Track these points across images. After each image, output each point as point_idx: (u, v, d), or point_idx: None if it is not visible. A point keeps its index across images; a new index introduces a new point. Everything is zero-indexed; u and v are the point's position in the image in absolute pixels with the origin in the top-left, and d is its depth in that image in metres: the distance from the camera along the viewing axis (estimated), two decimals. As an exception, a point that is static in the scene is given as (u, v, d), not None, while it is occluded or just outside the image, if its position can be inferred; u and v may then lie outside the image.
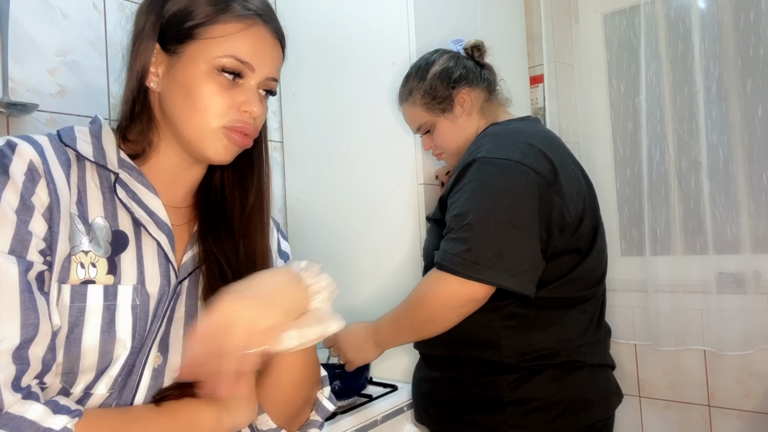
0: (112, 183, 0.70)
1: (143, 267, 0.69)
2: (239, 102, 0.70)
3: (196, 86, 0.69)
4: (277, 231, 0.89)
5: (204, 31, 0.69)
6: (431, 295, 1.07)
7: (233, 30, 0.69)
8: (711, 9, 1.63)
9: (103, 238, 0.67)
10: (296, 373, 0.75)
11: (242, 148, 0.74)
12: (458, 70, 1.22)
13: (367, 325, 1.22)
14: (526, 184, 1.05)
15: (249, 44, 0.70)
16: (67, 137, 0.69)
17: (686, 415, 1.71)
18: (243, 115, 0.71)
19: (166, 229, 0.72)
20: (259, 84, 0.72)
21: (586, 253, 1.13)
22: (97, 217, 0.68)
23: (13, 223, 0.59)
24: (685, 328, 1.67)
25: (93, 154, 0.69)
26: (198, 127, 0.70)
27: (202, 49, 0.69)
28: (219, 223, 0.78)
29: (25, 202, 0.61)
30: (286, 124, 1.70)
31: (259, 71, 0.71)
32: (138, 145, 0.73)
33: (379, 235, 1.46)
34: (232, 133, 0.71)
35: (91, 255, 0.65)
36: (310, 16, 1.62)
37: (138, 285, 0.68)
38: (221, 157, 0.72)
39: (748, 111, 1.62)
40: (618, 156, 1.90)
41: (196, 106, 0.69)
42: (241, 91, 0.71)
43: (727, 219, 1.62)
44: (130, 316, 0.66)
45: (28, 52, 1.18)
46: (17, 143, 0.63)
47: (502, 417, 1.08)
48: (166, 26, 0.70)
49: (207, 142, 0.71)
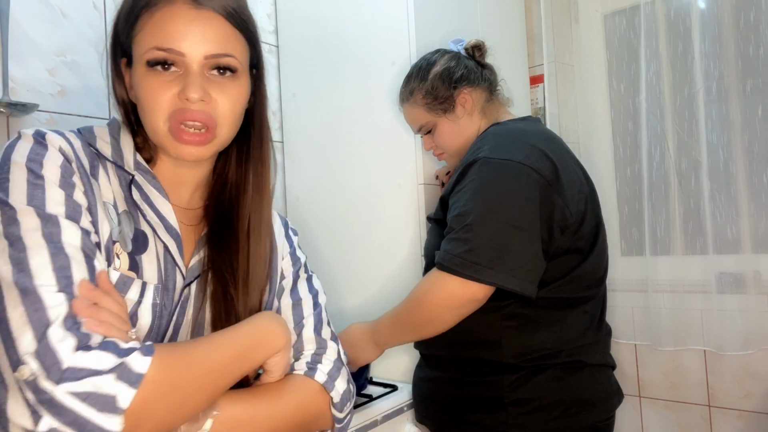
0: (128, 183, 0.71)
1: (161, 268, 0.70)
2: (178, 92, 0.66)
3: (140, 89, 0.67)
4: (287, 234, 0.88)
5: (135, 28, 0.67)
6: (431, 295, 1.07)
7: (148, 18, 0.66)
8: (711, 9, 1.63)
9: (128, 234, 0.68)
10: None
11: (208, 146, 0.69)
12: (459, 71, 1.22)
13: (367, 325, 1.22)
14: (528, 184, 1.05)
15: (167, 28, 0.65)
16: (88, 136, 0.70)
17: (686, 415, 1.71)
18: (183, 103, 0.66)
19: (174, 233, 0.72)
20: (200, 66, 0.66)
21: (587, 254, 1.13)
22: (123, 210, 0.69)
23: (63, 195, 0.61)
24: (685, 328, 1.67)
25: (111, 154, 0.70)
26: (153, 130, 0.68)
27: (136, 48, 0.67)
28: (227, 226, 0.77)
29: (67, 180, 0.62)
30: (286, 124, 1.70)
31: (193, 52, 0.65)
32: (146, 152, 0.74)
33: (379, 235, 1.46)
34: (179, 133, 0.66)
35: (117, 246, 0.66)
36: (310, 16, 1.62)
37: (159, 285, 0.69)
38: (189, 156, 0.68)
39: (748, 111, 1.62)
40: (618, 156, 1.90)
41: (146, 109, 0.67)
42: (180, 80, 0.66)
43: (727, 219, 1.62)
44: (150, 314, 0.67)
45: (28, 52, 1.18)
46: (46, 133, 0.64)
47: (503, 417, 1.08)
48: (119, 36, 0.70)
49: (165, 143, 0.68)
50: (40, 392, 0.52)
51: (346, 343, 1.23)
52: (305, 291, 0.84)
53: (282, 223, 0.89)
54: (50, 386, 0.52)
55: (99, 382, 0.53)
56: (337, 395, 0.77)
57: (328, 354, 0.79)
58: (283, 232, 0.88)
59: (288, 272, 0.84)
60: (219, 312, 0.73)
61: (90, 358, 0.54)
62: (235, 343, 0.67)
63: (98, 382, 0.53)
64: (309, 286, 0.85)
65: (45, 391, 0.52)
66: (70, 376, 0.53)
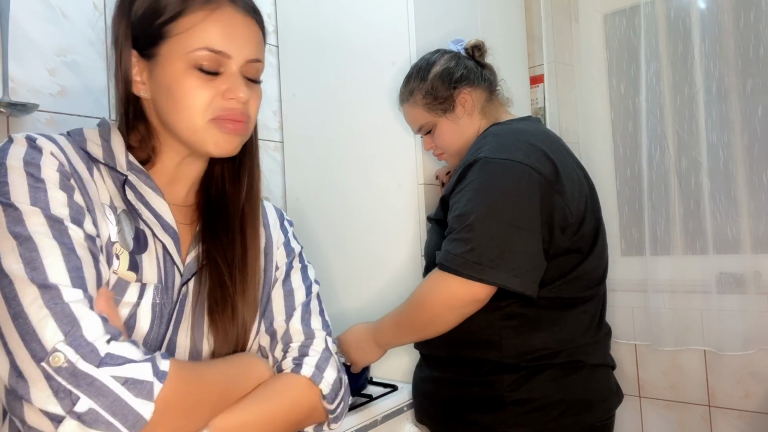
0: (121, 185, 0.70)
1: (159, 268, 0.70)
2: (223, 91, 0.69)
3: (177, 86, 0.67)
4: (282, 224, 0.89)
5: (173, 27, 0.67)
6: (432, 296, 1.07)
7: (200, 19, 0.67)
8: (711, 9, 1.63)
9: (128, 233, 0.68)
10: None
11: (242, 136, 0.72)
12: (459, 71, 1.22)
13: (369, 325, 1.22)
14: (529, 184, 1.05)
15: (219, 30, 0.68)
16: (78, 138, 0.70)
17: (686, 415, 1.71)
18: (230, 102, 0.69)
19: (171, 231, 0.72)
20: (240, 68, 0.70)
21: (588, 253, 1.13)
22: (122, 209, 0.68)
23: (65, 197, 0.62)
24: (685, 328, 1.67)
25: (103, 156, 0.70)
26: (188, 126, 0.69)
27: (175, 46, 0.67)
28: (218, 219, 0.78)
29: (65, 183, 0.63)
30: (286, 124, 1.70)
31: (237, 56, 0.69)
32: (143, 152, 0.73)
33: (379, 235, 1.46)
34: (223, 122, 0.69)
35: (117, 246, 0.66)
36: (310, 16, 1.62)
37: (158, 284, 0.69)
38: (223, 150, 0.71)
39: (748, 111, 1.62)
40: (618, 156, 1.90)
41: (181, 106, 0.68)
42: (223, 80, 0.69)
43: (727, 219, 1.62)
44: (149, 314, 0.68)
45: (28, 52, 1.18)
46: (37, 137, 0.65)
47: (503, 417, 1.08)
48: (137, 30, 0.69)
49: (203, 138, 0.70)
50: (81, 375, 0.53)
51: (348, 344, 1.23)
52: (298, 281, 0.84)
53: (277, 214, 0.89)
54: (91, 369, 0.54)
55: (137, 368, 0.56)
56: (326, 386, 0.76)
57: (315, 345, 0.78)
58: (278, 223, 0.88)
59: (282, 263, 0.84)
60: (215, 300, 0.74)
61: (124, 348, 0.57)
62: (230, 370, 0.70)
63: (137, 368, 0.56)
64: (303, 276, 0.85)
65: (87, 374, 0.54)
66: (110, 361, 0.55)
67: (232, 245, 0.76)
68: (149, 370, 0.56)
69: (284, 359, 0.77)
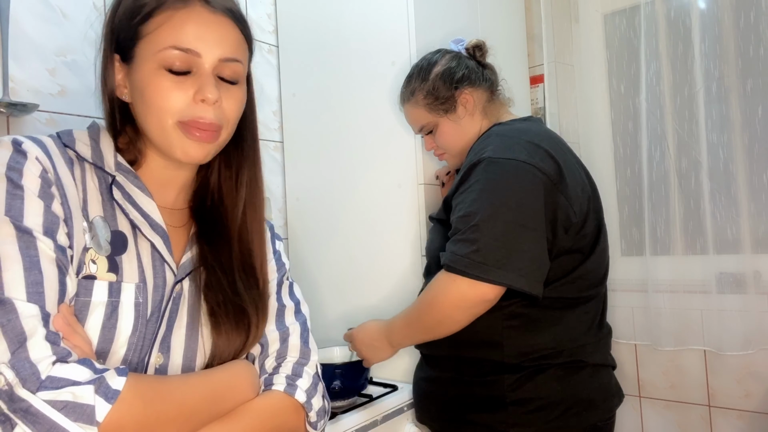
0: (109, 185, 0.70)
1: (142, 267, 0.69)
2: (193, 93, 0.67)
3: (148, 87, 0.66)
4: (272, 238, 0.88)
5: (145, 26, 0.67)
6: (441, 297, 1.07)
7: (168, 17, 0.66)
8: (711, 9, 1.63)
9: (103, 237, 0.67)
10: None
11: (213, 144, 0.70)
12: (461, 71, 1.22)
13: (382, 324, 1.22)
14: (533, 184, 1.05)
15: (188, 28, 0.66)
16: (67, 139, 0.70)
17: (686, 415, 1.71)
18: (200, 107, 0.67)
19: (160, 230, 0.72)
20: (213, 68, 0.68)
21: (589, 253, 1.13)
22: (96, 216, 0.68)
23: (41, 207, 0.61)
24: (685, 328, 1.67)
25: (91, 156, 0.70)
26: (157, 128, 0.68)
27: (147, 46, 0.67)
28: (214, 226, 0.78)
29: (45, 191, 0.62)
30: (286, 124, 1.70)
31: (208, 54, 0.67)
32: (130, 154, 0.73)
33: (379, 235, 1.46)
34: (190, 129, 0.67)
35: (92, 252, 0.66)
36: (310, 16, 1.62)
37: (140, 283, 0.68)
38: (191, 158, 0.69)
39: (748, 111, 1.62)
40: (618, 156, 1.90)
41: (152, 108, 0.67)
42: (194, 80, 0.67)
43: (727, 219, 1.62)
44: (132, 313, 0.67)
45: (28, 52, 1.17)
46: (23, 141, 0.64)
47: (504, 416, 1.08)
48: (118, 33, 0.69)
49: (170, 142, 0.68)
50: (17, 400, 0.52)
51: (360, 341, 1.23)
52: (287, 298, 0.84)
53: (268, 226, 0.89)
54: (27, 395, 0.52)
55: (78, 391, 0.54)
56: (314, 414, 0.77)
57: (308, 367, 0.79)
58: (269, 235, 0.88)
59: (272, 276, 0.84)
60: (218, 302, 0.73)
61: (69, 370, 0.55)
62: (207, 387, 0.67)
63: (77, 391, 0.54)
64: (290, 293, 0.85)
65: (22, 399, 0.52)
66: (48, 385, 0.53)
67: (229, 252, 0.76)
68: (91, 392, 0.54)
69: (276, 374, 0.77)
